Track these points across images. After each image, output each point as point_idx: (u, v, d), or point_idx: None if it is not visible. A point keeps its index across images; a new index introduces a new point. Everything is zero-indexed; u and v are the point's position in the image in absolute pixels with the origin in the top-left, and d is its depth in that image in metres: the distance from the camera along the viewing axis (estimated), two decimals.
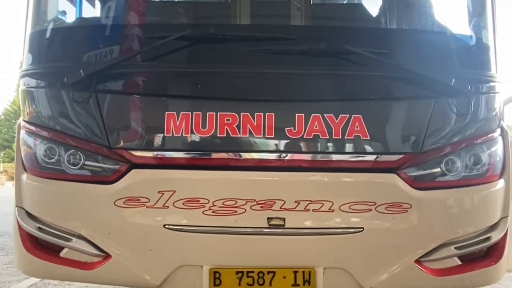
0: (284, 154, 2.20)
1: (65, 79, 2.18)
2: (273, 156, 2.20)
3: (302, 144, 2.19)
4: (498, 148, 2.35)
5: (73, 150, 2.23)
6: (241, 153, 2.19)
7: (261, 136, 2.17)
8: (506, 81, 2.53)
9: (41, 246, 2.30)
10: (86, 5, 2.86)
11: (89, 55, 2.34)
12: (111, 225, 2.20)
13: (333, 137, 2.17)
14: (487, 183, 2.31)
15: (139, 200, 2.16)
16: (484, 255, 2.35)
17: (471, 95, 2.27)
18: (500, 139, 2.37)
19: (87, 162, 2.22)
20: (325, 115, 2.17)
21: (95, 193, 2.20)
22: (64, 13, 2.66)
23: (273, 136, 2.18)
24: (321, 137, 2.18)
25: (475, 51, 2.47)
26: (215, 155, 2.19)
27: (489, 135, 2.34)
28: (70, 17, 2.72)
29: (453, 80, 2.19)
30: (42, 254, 2.28)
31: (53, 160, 2.25)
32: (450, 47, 2.45)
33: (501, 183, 2.34)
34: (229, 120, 2.16)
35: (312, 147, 2.21)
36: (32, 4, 2.48)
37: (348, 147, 2.20)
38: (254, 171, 2.19)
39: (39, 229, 2.27)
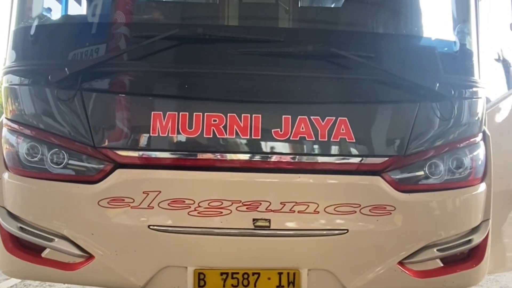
0: (270, 156, 2.21)
1: (49, 77, 2.15)
2: (259, 157, 2.20)
3: (288, 145, 2.20)
4: (480, 152, 2.40)
5: (56, 149, 2.20)
6: (228, 154, 2.19)
7: (248, 137, 2.17)
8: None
9: (23, 246, 2.26)
10: (72, 2, 2.82)
11: (75, 53, 2.32)
12: (94, 226, 2.17)
13: (319, 139, 2.19)
14: (469, 187, 2.35)
15: (124, 200, 2.14)
16: (465, 257, 2.39)
17: (455, 100, 2.31)
18: (482, 143, 2.41)
19: (70, 161, 2.19)
20: (311, 117, 2.19)
21: (79, 193, 2.17)
22: (49, 10, 2.62)
23: (259, 137, 2.18)
24: (307, 139, 2.19)
25: (459, 56, 2.51)
26: (201, 156, 2.19)
27: (471, 140, 2.38)
28: (56, 14, 2.68)
29: (437, 85, 2.23)
30: (23, 254, 2.25)
31: (36, 159, 2.21)
32: (434, 53, 2.49)
33: (482, 187, 2.39)
34: (215, 120, 2.16)
35: (298, 149, 2.21)
36: (17, 0, 2.45)
37: (334, 149, 2.22)
38: (240, 172, 2.19)
39: (21, 229, 2.23)
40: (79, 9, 2.77)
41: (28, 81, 2.30)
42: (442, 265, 2.32)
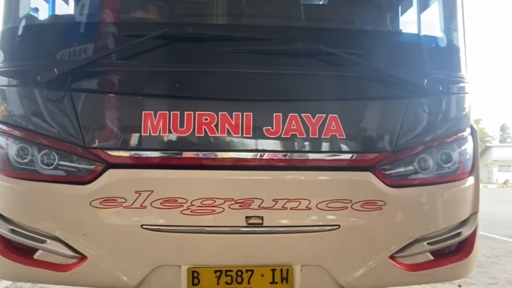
0: (262, 153, 2.22)
1: (38, 78, 2.14)
2: (251, 155, 2.21)
3: (279, 143, 2.21)
4: (468, 146, 2.44)
5: (47, 150, 2.18)
6: (219, 153, 2.20)
7: (239, 135, 2.18)
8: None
9: (14, 248, 2.24)
10: (59, 2, 2.80)
11: (64, 53, 2.30)
12: (87, 226, 2.16)
13: (310, 136, 2.20)
14: (457, 181, 2.38)
15: (116, 200, 2.13)
16: (455, 250, 2.43)
17: (442, 96, 2.34)
18: (470, 138, 2.45)
19: (61, 162, 2.18)
20: (302, 114, 2.20)
21: (70, 194, 2.16)
22: (37, 10, 2.60)
23: (251, 135, 2.19)
24: (298, 136, 2.20)
25: (446, 52, 2.55)
26: (193, 155, 2.19)
27: (459, 134, 2.42)
28: (44, 14, 2.66)
29: (425, 81, 2.26)
30: (15, 256, 2.22)
31: (26, 160, 2.19)
32: (422, 49, 2.53)
33: (471, 181, 2.43)
34: (207, 119, 2.16)
35: (290, 146, 2.23)
36: (4, 1, 2.42)
37: (325, 146, 2.24)
38: (232, 170, 2.20)
39: (12, 231, 2.21)
40: (67, 9, 2.75)
41: (16, 82, 2.27)
42: (432, 258, 2.35)
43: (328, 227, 2.21)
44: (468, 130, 2.46)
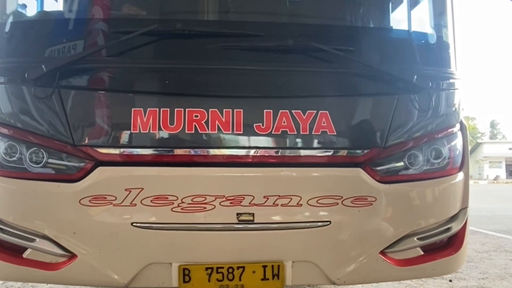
0: (252, 150, 2.21)
1: (26, 75, 2.11)
2: (242, 152, 2.21)
3: (270, 140, 2.21)
4: (458, 142, 2.45)
5: (35, 148, 2.16)
6: (210, 149, 2.19)
7: (230, 132, 2.17)
8: None
9: (3, 247, 2.22)
10: None
11: (52, 50, 2.27)
12: (76, 224, 2.15)
13: (301, 132, 2.21)
14: (447, 176, 2.40)
15: (106, 198, 2.12)
16: (445, 245, 2.45)
17: (432, 92, 2.35)
18: (459, 133, 2.47)
19: (50, 160, 2.16)
20: (293, 111, 2.20)
21: (59, 192, 2.14)
22: (24, 6, 2.57)
23: (241, 132, 2.18)
24: (289, 132, 2.20)
25: (436, 49, 2.56)
26: (183, 152, 2.18)
27: (449, 130, 2.44)
28: (32, 11, 2.63)
29: (415, 77, 2.27)
30: (3, 255, 2.20)
31: (14, 159, 2.17)
32: (412, 45, 2.54)
33: (460, 176, 2.44)
34: (197, 116, 2.16)
35: (281, 143, 2.22)
36: None
37: (316, 142, 2.24)
38: (223, 167, 2.19)
39: (1, 230, 2.19)
40: (55, 5, 2.71)
41: (4, 79, 2.24)
42: (422, 253, 2.37)
43: (319, 223, 2.22)
44: (458, 126, 2.48)
